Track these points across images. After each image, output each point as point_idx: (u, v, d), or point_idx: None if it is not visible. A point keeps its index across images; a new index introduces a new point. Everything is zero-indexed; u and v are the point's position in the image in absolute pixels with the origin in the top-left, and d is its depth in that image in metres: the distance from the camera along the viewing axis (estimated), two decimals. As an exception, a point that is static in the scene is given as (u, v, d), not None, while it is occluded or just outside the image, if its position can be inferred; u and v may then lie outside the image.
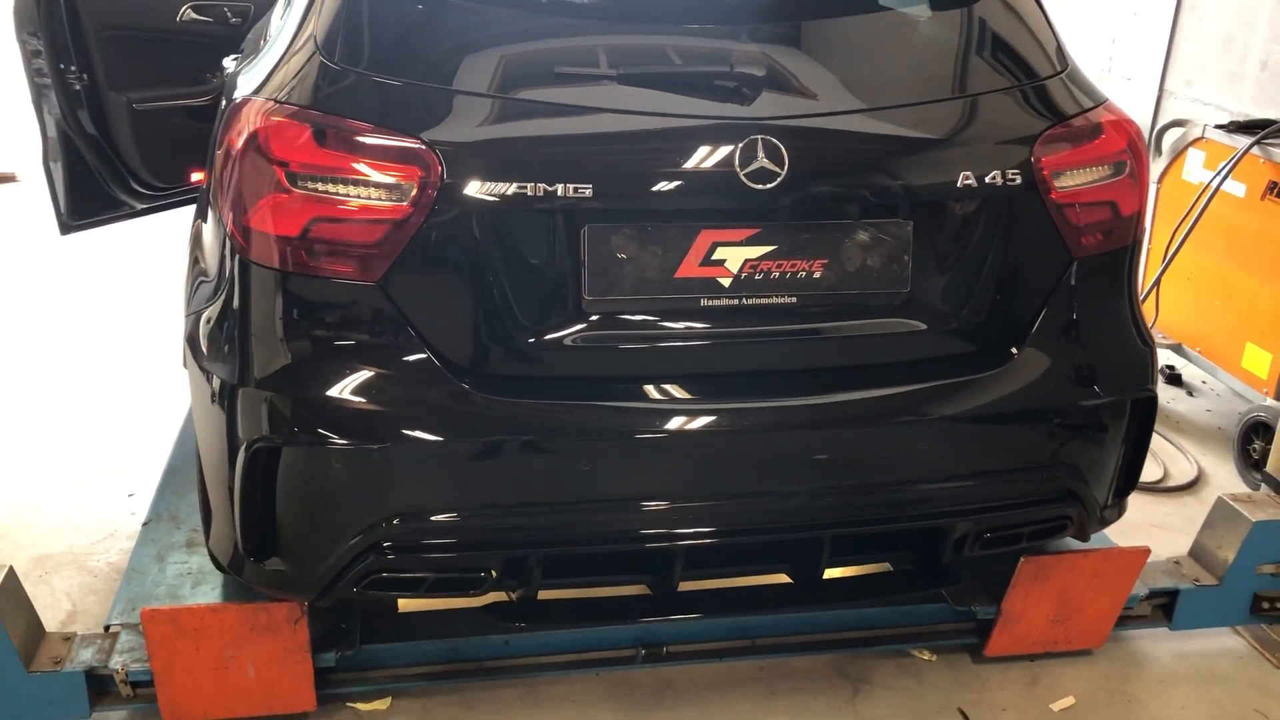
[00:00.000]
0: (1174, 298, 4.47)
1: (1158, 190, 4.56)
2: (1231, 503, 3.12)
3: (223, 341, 2.30)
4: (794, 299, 2.35)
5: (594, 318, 2.29)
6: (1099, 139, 2.49)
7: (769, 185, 2.23)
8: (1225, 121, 4.36)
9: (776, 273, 2.32)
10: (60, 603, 3.15)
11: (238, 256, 2.24)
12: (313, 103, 2.22)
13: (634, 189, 2.25)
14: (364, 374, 2.22)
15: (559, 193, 2.18)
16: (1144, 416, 2.63)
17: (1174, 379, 4.83)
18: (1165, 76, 5.56)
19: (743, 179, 2.22)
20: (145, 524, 3.14)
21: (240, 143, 2.22)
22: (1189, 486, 4.01)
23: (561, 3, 2.38)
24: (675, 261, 2.28)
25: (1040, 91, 2.50)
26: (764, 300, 2.33)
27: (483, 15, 2.31)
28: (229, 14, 4.02)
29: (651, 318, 2.31)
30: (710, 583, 2.72)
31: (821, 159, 2.30)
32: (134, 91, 3.86)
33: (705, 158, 2.24)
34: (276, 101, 2.25)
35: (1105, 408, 2.54)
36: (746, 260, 2.30)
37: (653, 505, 2.33)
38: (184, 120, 3.92)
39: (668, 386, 2.33)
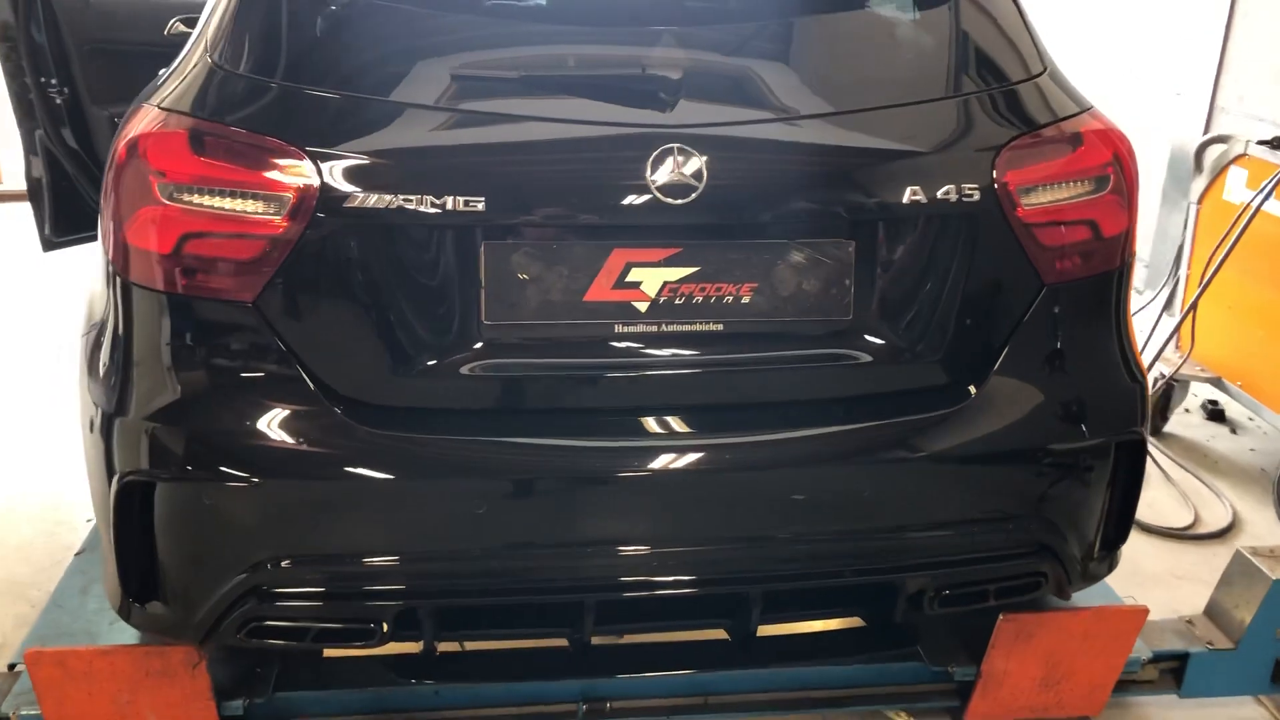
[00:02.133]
0: (1214, 328, 4.13)
1: (1198, 211, 4.23)
2: (1250, 557, 2.80)
3: (99, 366, 2.15)
4: (720, 326, 2.12)
5: (494, 344, 2.08)
6: (1077, 151, 2.23)
7: (686, 200, 2.01)
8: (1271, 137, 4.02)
9: (700, 297, 2.09)
10: (-11, 635, 3.02)
11: (114, 273, 2.08)
12: (193, 108, 2.06)
13: (536, 202, 2.04)
14: (237, 403, 2.04)
15: (449, 206, 1.98)
16: (1131, 461, 2.34)
17: (1216, 415, 4.48)
18: (1217, 91, 5.20)
19: (656, 193, 2.00)
20: (78, 553, 3.00)
21: (122, 150, 2.06)
22: (1221, 534, 3.67)
23: (460, 2, 2.18)
24: (584, 283, 2.06)
25: (1008, 98, 2.24)
26: (686, 327, 2.11)
27: (377, 17, 2.12)
28: None
29: (559, 345, 2.10)
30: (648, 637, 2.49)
31: (746, 171, 2.07)
32: (117, 106, 3.76)
33: (614, 168, 2.03)
34: (160, 108, 2.09)
35: (1082, 452, 2.26)
36: (665, 283, 2.08)
37: (554, 554, 2.11)
38: None
39: (574, 422, 2.11)
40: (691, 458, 2.12)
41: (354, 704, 2.59)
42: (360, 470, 2.04)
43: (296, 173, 1.97)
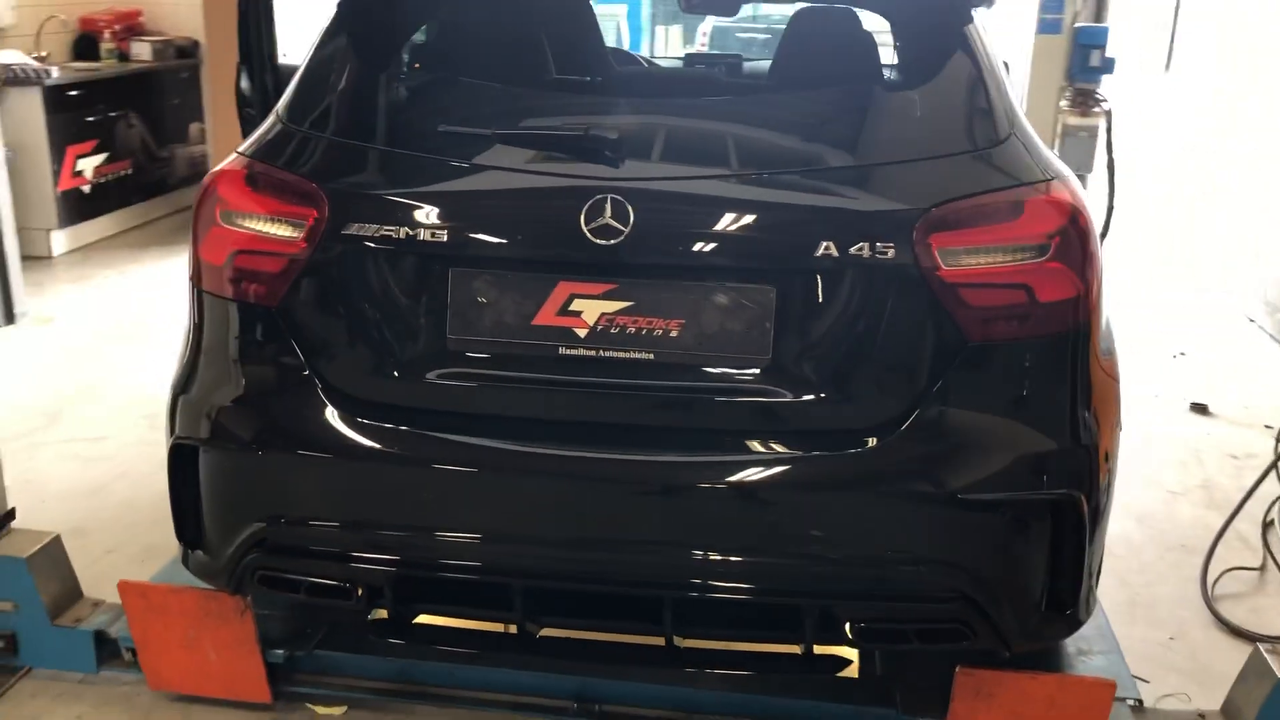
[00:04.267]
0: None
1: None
2: (1265, 654, 2.70)
3: (181, 355, 2.69)
4: (651, 355, 2.38)
5: (455, 355, 2.45)
6: (1017, 219, 2.33)
7: (612, 241, 2.31)
8: None
9: (633, 328, 2.37)
10: (145, 583, 3.64)
11: (192, 283, 2.63)
12: (256, 153, 2.60)
13: (494, 239, 2.41)
14: (256, 388, 2.53)
15: (423, 237, 2.39)
16: (1068, 523, 2.37)
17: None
18: None
19: (587, 234, 2.32)
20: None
21: (205, 184, 2.62)
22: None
23: (462, 70, 2.61)
24: (533, 309, 2.40)
25: (950, 164, 2.38)
26: (620, 354, 2.39)
27: (390, 89, 2.60)
28: None
29: (509, 360, 2.44)
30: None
31: (670, 220, 2.35)
32: None
33: (555, 212, 2.37)
34: (239, 153, 2.64)
35: (1002, 506, 2.33)
36: (603, 314, 2.38)
37: (495, 542, 2.44)
38: None
39: (519, 428, 2.43)
40: (612, 470, 2.38)
41: (382, 670, 3.00)
42: (339, 452, 2.46)
43: (313, 204, 2.45)
